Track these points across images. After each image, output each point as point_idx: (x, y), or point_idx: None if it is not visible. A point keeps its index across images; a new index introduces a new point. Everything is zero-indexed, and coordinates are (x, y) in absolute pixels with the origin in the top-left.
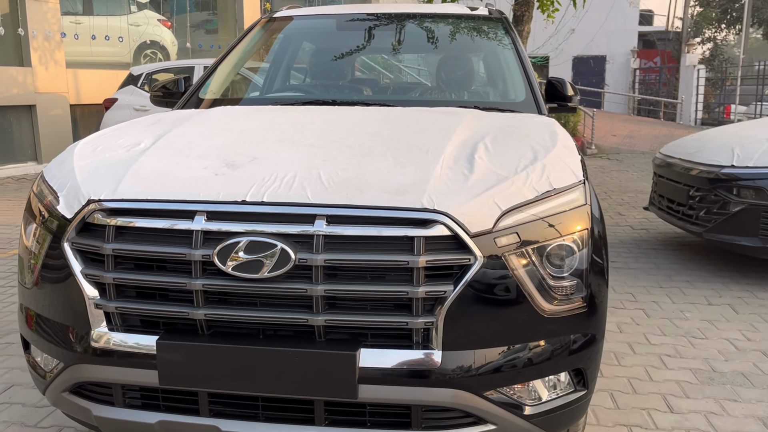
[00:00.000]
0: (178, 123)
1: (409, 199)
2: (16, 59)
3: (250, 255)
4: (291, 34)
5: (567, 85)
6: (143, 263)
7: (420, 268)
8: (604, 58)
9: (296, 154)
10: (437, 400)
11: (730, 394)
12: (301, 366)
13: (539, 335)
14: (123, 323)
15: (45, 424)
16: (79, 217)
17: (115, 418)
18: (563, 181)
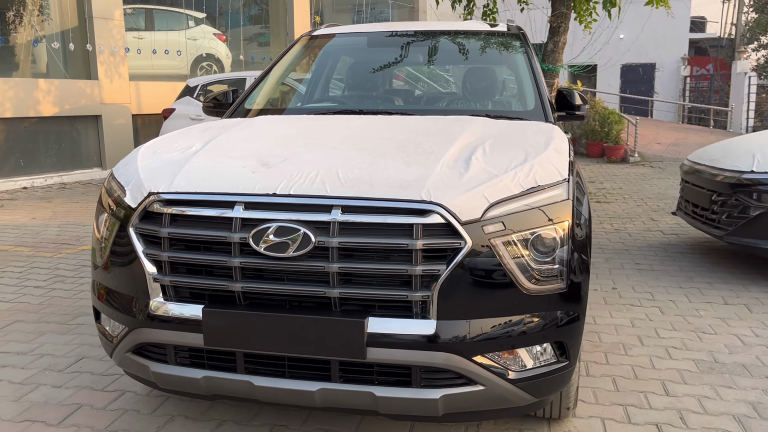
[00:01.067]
0: (225, 130)
1: (411, 193)
2: (84, 73)
3: (278, 238)
4: (328, 50)
5: (575, 95)
6: (192, 244)
7: (418, 250)
8: (654, 66)
9: (320, 156)
10: (432, 361)
11: (727, 382)
12: (319, 331)
13: (522, 310)
14: (176, 294)
15: (110, 389)
16: (142, 207)
17: (169, 374)
18: (548, 179)
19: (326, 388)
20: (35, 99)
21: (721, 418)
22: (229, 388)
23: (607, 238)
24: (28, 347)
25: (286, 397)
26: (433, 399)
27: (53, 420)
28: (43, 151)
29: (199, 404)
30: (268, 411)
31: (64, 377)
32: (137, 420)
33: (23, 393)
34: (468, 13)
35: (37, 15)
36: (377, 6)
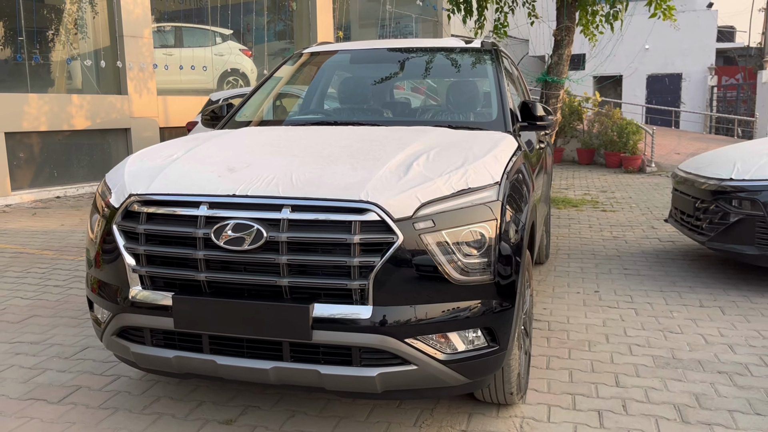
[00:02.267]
0: (207, 139)
1: (351, 193)
2: (115, 88)
3: (235, 233)
4: (314, 66)
5: (538, 106)
6: (165, 239)
7: (356, 243)
8: (680, 76)
9: (280, 162)
10: (369, 343)
11: (678, 376)
12: (271, 316)
13: (451, 299)
14: (151, 284)
15: (108, 374)
16: (123, 206)
17: (145, 354)
18: (479, 182)
19: (278, 366)
20: (69, 113)
21: (661, 407)
22: (196, 366)
23: (603, 244)
24: (41, 338)
25: (244, 374)
26: (371, 377)
27: (54, 398)
28: (75, 163)
29: (185, 387)
30: (243, 394)
31: (69, 363)
32: (127, 399)
33: (31, 376)
34: (479, 27)
35: (72, 34)
36: (402, 20)
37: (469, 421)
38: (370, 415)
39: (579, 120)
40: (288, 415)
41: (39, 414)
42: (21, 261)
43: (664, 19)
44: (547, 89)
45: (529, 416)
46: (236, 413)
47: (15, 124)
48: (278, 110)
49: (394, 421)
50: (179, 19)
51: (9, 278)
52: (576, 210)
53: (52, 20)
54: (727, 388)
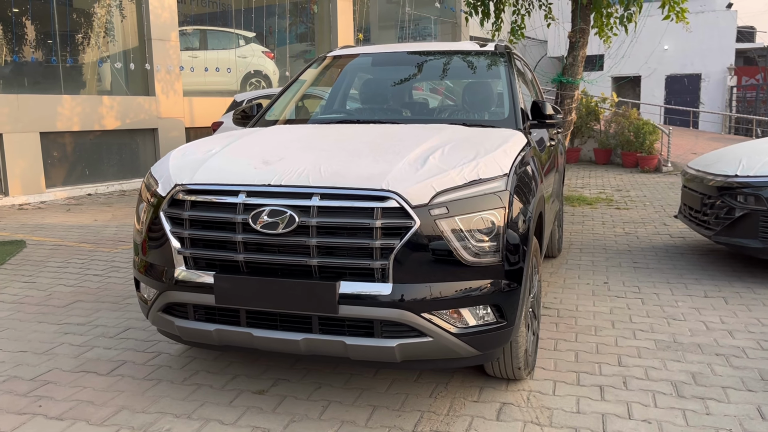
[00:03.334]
0: (241, 137)
1: (373, 183)
2: (143, 90)
3: (270, 218)
4: (338, 68)
5: (547, 106)
6: (207, 224)
7: (377, 227)
8: (699, 77)
9: (310, 155)
10: (389, 316)
11: (678, 357)
12: (302, 292)
13: (463, 278)
14: (194, 264)
15: (150, 351)
16: (169, 195)
17: (189, 327)
18: (489, 173)
19: (308, 338)
20: (99, 114)
21: (659, 383)
22: (234, 338)
23: (615, 240)
24: (86, 320)
25: (278, 345)
26: (391, 347)
27: (103, 371)
28: (105, 161)
29: (221, 362)
30: (274, 369)
31: (113, 341)
32: (169, 372)
33: (81, 352)
34: (496, 29)
35: (103, 38)
36: (421, 22)
37: (481, 393)
38: (389, 387)
39: (596, 120)
40: (315, 386)
41: (91, 384)
42: (61, 252)
43: (677, 21)
44: (562, 90)
45: (536, 390)
46: (268, 384)
47: (49, 124)
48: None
49: (412, 392)
50: (204, 23)
51: (51, 268)
52: (590, 207)
53: (84, 24)
54: (723, 368)
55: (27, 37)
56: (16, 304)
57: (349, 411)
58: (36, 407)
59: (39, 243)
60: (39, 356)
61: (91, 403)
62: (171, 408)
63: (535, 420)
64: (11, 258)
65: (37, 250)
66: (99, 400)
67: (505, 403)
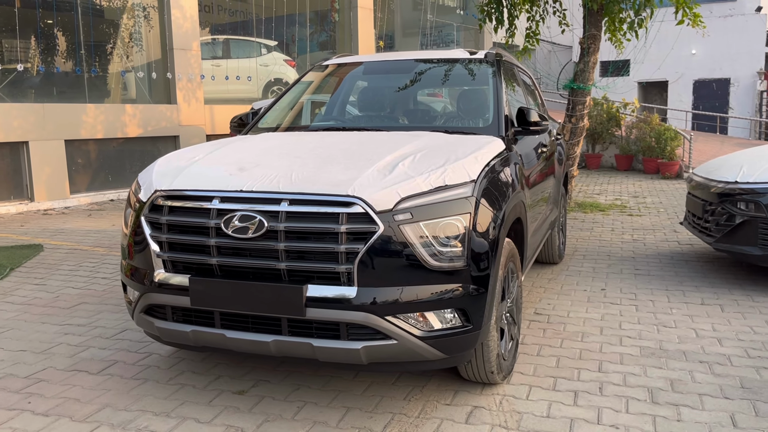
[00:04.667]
0: (226, 144)
1: (340, 189)
2: (165, 98)
3: (241, 223)
4: (332, 76)
5: (532, 113)
6: (183, 228)
7: (342, 232)
8: (728, 81)
9: (285, 162)
10: (354, 319)
11: (660, 364)
12: (271, 295)
13: (427, 282)
14: (172, 267)
15: (141, 351)
16: (150, 200)
17: (167, 328)
18: (456, 180)
19: (278, 339)
20: (123, 122)
21: (635, 389)
22: (209, 339)
23: (621, 247)
24: (87, 321)
25: (249, 347)
26: (356, 349)
27: (94, 370)
28: (128, 168)
29: (206, 363)
30: (257, 371)
31: (109, 342)
32: (156, 372)
33: (76, 351)
34: (510, 36)
35: (126, 48)
36: (444, 29)
37: (455, 397)
38: (366, 390)
39: (617, 126)
40: (294, 388)
41: (80, 382)
42: (75, 256)
43: (693, 26)
44: (573, 96)
45: (509, 394)
46: (248, 385)
47: (74, 132)
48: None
49: (387, 395)
50: (226, 32)
51: (63, 271)
52: (602, 214)
53: (108, 35)
54: (704, 375)
55: (53, 48)
56: (24, 305)
57: (323, 412)
58: (25, 403)
59: (56, 247)
60: (37, 355)
61: (77, 400)
62: (152, 406)
63: (503, 424)
64: (27, 261)
65: (52, 253)
66: (85, 398)
67: (476, 406)
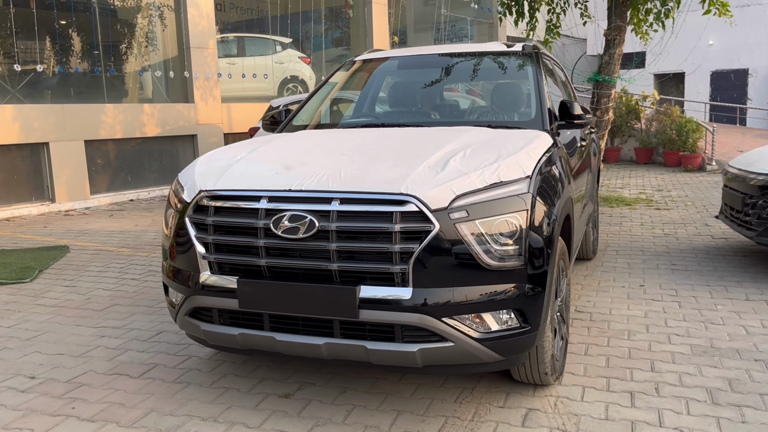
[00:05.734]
0: (266, 142)
1: (392, 187)
2: (182, 97)
3: (291, 223)
4: (365, 72)
5: (575, 106)
6: (230, 229)
7: (397, 232)
8: (746, 72)
9: (331, 160)
10: (409, 321)
11: (714, 363)
12: (323, 296)
13: (484, 282)
14: (219, 269)
15: (180, 354)
16: (194, 201)
17: (214, 331)
18: (511, 176)
19: (330, 342)
20: (141, 122)
21: (693, 390)
22: (258, 342)
23: (653, 241)
24: (121, 323)
25: (299, 349)
26: (412, 352)
27: (135, 373)
28: (147, 168)
29: (247, 366)
30: (300, 372)
31: (146, 345)
32: (198, 376)
33: (115, 355)
34: (531, 29)
35: (143, 47)
36: (457, 23)
37: (507, 399)
38: (415, 392)
39: (637, 119)
40: (340, 390)
41: (122, 386)
42: (101, 257)
43: (719, 16)
44: (598, 89)
45: (563, 396)
46: (294, 388)
47: (93, 132)
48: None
49: (437, 397)
50: (241, 29)
51: (92, 272)
52: (629, 208)
53: (125, 34)
54: (762, 374)
55: (71, 48)
56: (57, 307)
57: (373, 416)
58: (69, 409)
59: (81, 248)
60: (75, 359)
61: (122, 405)
62: (198, 411)
63: (561, 426)
64: (55, 263)
65: (79, 254)
66: (130, 403)
67: (531, 409)
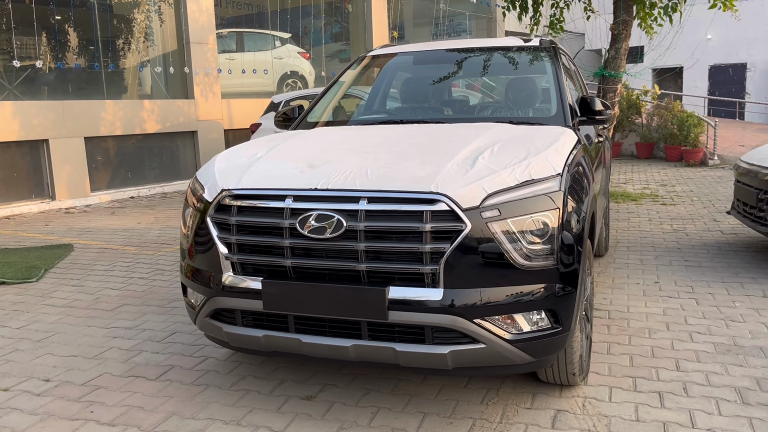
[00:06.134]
0: (285, 139)
1: (422, 185)
2: (182, 93)
3: (318, 223)
4: (379, 67)
5: (596, 101)
6: (254, 229)
7: (427, 231)
8: (744, 66)
9: (355, 158)
10: (440, 322)
11: (739, 361)
12: (350, 297)
13: (516, 282)
14: (242, 270)
15: (196, 355)
16: (216, 200)
17: (237, 333)
18: (542, 173)
19: (358, 344)
20: (141, 118)
21: (722, 390)
22: (283, 344)
23: (663, 237)
24: (133, 323)
25: (326, 351)
26: (443, 354)
27: (152, 376)
28: (147, 165)
29: (267, 367)
30: (322, 374)
31: (161, 346)
32: (216, 378)
33: (129, 356)
34: (534, 23)
35: (141, 42)
36: (455, 18)
37: (534, 400)
38: (439, 393)
39: (637, 114)
40: (363, 392)
41: (140, 389)
42: (107, 256)
43: (724, 10)
44: (604, 84)
45: (591, 396)
46: (315, 390)
47: (93, 129)
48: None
49: (462, 399)
50: (240, 25)
51: (98, 271)
52: (635, 204)
53: (124, 30)
54: None
55: (70, 44)
56: (66, 308)
57: (399, 418)
58: (88, 413)
59: (86, 246)
60: (89, 360)
61: (141, 408)
62: (220, 414)
63: (592, 428)
64: (60, 261)
65: (84, 253)
66: (149, 406)
67: (559, 410)
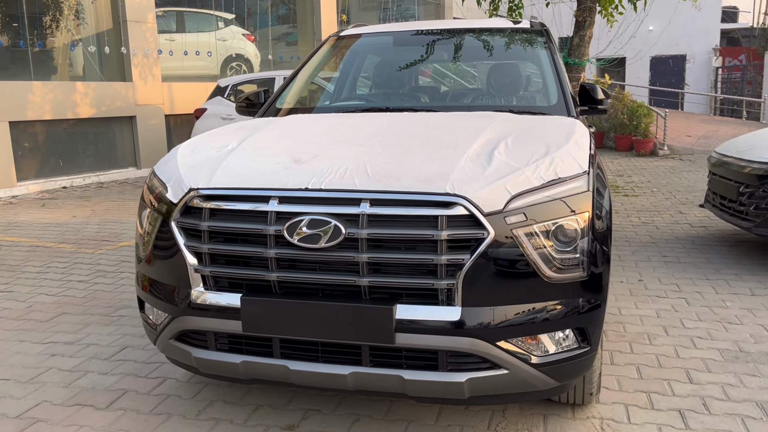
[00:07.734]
0: (258, 129)
1: (435, 186)
2: (119, 75)
3: (311, 230)
4: (355, 49)
5: (598, 90)
6: (231, 237)
7: (443, 240)
8: (684, 58)
9: (349, 152)
10: (458, 346)
11: (752, 371)
12: (350, 317)
13: (544, 298)
14: (215, 284)
15: (153, 375)
16: (183, 202)
17: (210, 359)
18: (568, 172)
19: (357, 371)
20: (73, 101)
21: (744, 405)
22: (266, 372)
23: (635, 231)
24: (74, 337)
25: (319, 381)
26: (459, 382)
27: (101, 404)
28: (81, 152)
29: (237, 390)
30: (302, 396)
31: (109, 365)
32: (179, 404)
33: (72, 379)
34: (493, 9)
35: (73, 19)
36: (403, 3)
37: (546, 423)
38: (439, 418)
39: None
40: (352, 419)
41: (88, 421)
42: (39, 255)
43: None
44: (568, 72)
45: (607, 417)
46: (297, 418)
47: (19, 113)
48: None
49: (467, 424)
50: (182, 4)
51: (30, 273)
52: None
53: (54, 5)
54: None
55: None
56: None
57: None
58: None
59: (13, 244)
60: (24, 386)
61: None
62: None
63: None
64: None
65: (12, 252)
66: None
67: None
